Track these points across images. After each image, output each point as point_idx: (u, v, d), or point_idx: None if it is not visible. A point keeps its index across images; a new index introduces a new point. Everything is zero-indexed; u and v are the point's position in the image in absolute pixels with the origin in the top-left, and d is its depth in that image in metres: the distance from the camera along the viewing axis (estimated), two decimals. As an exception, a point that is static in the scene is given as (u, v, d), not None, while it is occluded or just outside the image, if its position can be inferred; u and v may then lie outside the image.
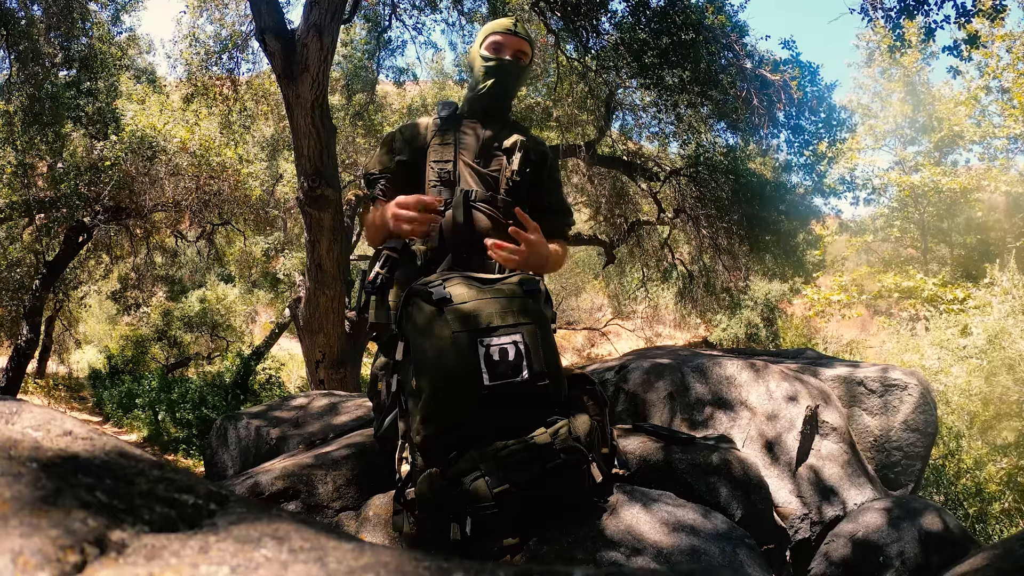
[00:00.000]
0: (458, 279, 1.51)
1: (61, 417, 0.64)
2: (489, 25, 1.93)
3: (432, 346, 1.42)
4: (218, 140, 7.56)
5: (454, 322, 1.42)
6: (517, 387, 1.41)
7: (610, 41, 6.29)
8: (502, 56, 1.86)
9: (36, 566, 0.39)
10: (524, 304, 1.50)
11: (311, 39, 4.15)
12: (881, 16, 4.82)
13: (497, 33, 1.88)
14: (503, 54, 1.86)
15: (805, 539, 1.91)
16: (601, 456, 1.54)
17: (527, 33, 1.93)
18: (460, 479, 1.37)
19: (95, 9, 7.88)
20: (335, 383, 4.97)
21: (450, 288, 1.47)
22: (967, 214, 13.27)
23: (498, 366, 1.40)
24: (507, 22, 1.90)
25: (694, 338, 16.46)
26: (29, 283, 8.32)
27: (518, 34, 1.88)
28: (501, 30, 1.88)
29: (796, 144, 6.74)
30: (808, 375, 2.36)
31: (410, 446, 1.52)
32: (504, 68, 1.85)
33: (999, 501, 4.32)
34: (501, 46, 1.86)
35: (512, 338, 1.43)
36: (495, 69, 1.85)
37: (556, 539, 1.40)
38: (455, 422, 1.41)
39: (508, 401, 1.41)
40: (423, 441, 1.43)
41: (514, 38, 1.87)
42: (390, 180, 1.84)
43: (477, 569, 0.46)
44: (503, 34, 1.87)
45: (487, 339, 1.41)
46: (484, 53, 1.87)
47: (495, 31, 1.89)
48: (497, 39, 1.87)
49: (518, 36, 1.88)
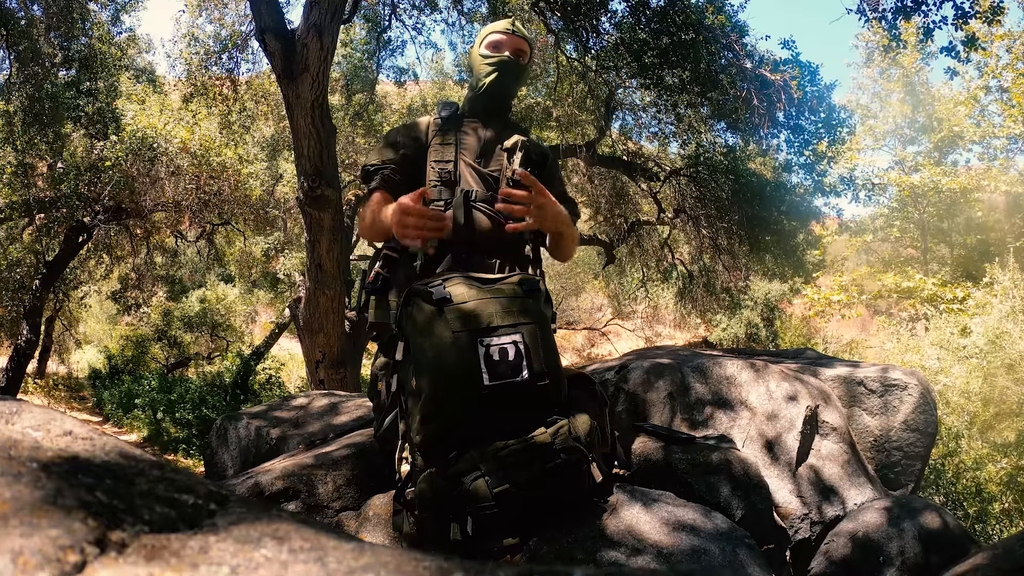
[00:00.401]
0: (458, 279, 1.51)
1: (61, 417, 0.64)
2: (488, 27, 1.97)
3: (432, 346, 1.42)
4: (218, 140, 7.56)
5: (454, 322, 1.42)
6: (517, 387, 1.41)
7: (610, 41, 6.29)
8: (502, 53, 1.88)
9: (36, 566, 0.39)
10: (524, 304, 1.50)
11: (311, 39, 4.15)
12: (877, 17, 4.82)
13: (496, 33, 1.91)
14: (502, 51, 1.89)
15: (805, 539, 1.91)
16: (601, 456, 1.54)
17: (524, 32, 1.95)
18: (460, 479, 1.37)
19: (95, 9, 7.88)
20: (335, 383, 4.97)
21: (450, 288, 1.47)
22: (967, 214, 13.28)
23: (498, 366, 1.40)
24: (505, 23, 1.94)
25: (694, 338, 16.46)
26: (29, 283, 8.32)
27: (516, 33, 1.91)
28: (500, 30, 1.92)
29: (796, 144, 6.74)
30: (808, 375, 2.36)
31: (410, 446, 1.52)
32: (504, 64, 1.87)
33: (999, 501, 4.32)
34: (500, 44, 1.89)
35: (512, 338, 1.43)
36: (495, 65, 1.87)
37: (556, 539, 1.40)
38: (455, 422, 1.41)
39: (508, 401, 1.41)
40: (423, 441, 1.43)
41: (513, 37, 1.90)
42: (391, 172, 1.84)
43: (477, 569, 0.46)
44: (502, 33, 1.90)
45: (487, 339, 1.42)
46: (484, 51, 1.89)
47: (494, 31, 1.92)
48: (496, 38, 1.90)
49: (517, 36, 1.91)
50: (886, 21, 4.80)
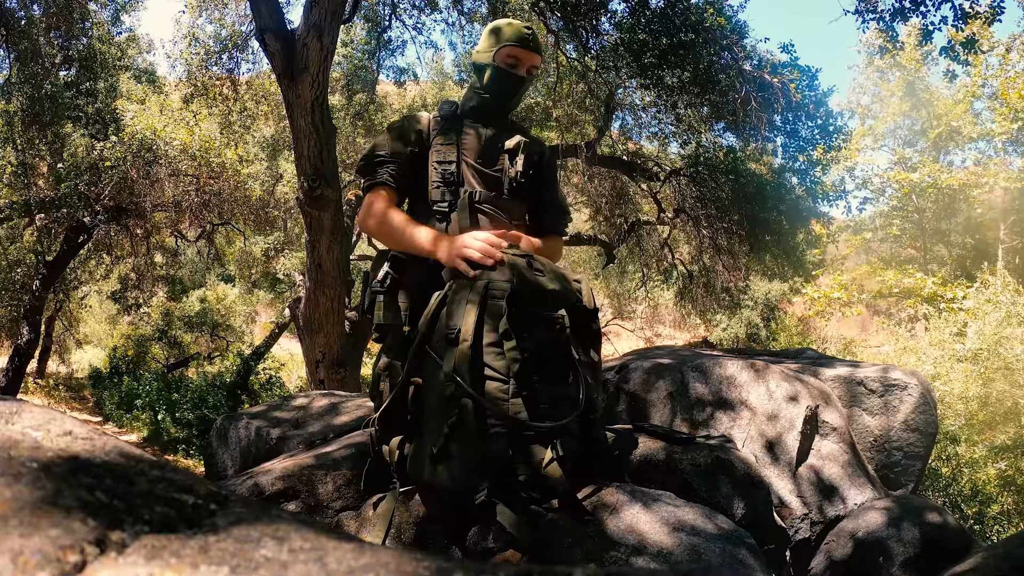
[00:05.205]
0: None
1: (61, 417, 0.64)
2: (504, 31, 1.85)
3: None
4: (218, 140, 7.56)
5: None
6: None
7: (610, 41, 6.29)
8: (518, 72, 1.83)
9: (36, 566, 0.39)
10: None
11: (311, 39, 4.15)
12: (875, 18, 4.82)
13: (514, 45, 1.82)
14: (519, 70, 1.83)
15: (805, 539, 1.91)
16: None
17: (540, 43, 1.90)
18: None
19: (95, 9, 7.88)
20: (335, 383, 4.97)
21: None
22: (966, 213, 13.29)
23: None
24: (524, 34, 1.83)
25: (694, 338, 16.46)
26: (29, 283, 8.32)
27: (534, 50, 1.85)
28: (518, 42, 1.82)
29: (791, 149, 6.76)
30: (808, 375, 2.36)
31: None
32: (519, 82, 1.85)
33: (997, 502, 4.32)
34: (518, 62, 1.83)
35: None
36: (510, 82, 1.83)
37: (556, 539, 1.40)
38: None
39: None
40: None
41: (531, 54, 1.84)
42: (397, 168, 1.80)
43: (477, 569, 0.46)
44: (520, 48, 1.82)
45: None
46: (499, 65, 1.82)
47: (512, 42, 1.82)
48: (515, 52, 1.82)
49: (534, 52, 1.85)
50: (884, 22, 4.81)
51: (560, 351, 1.49)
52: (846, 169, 13.27)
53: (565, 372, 1.49)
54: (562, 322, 1.49)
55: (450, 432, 1.39)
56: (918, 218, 13.96)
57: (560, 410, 1.44)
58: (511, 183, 1.80)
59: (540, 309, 1.49)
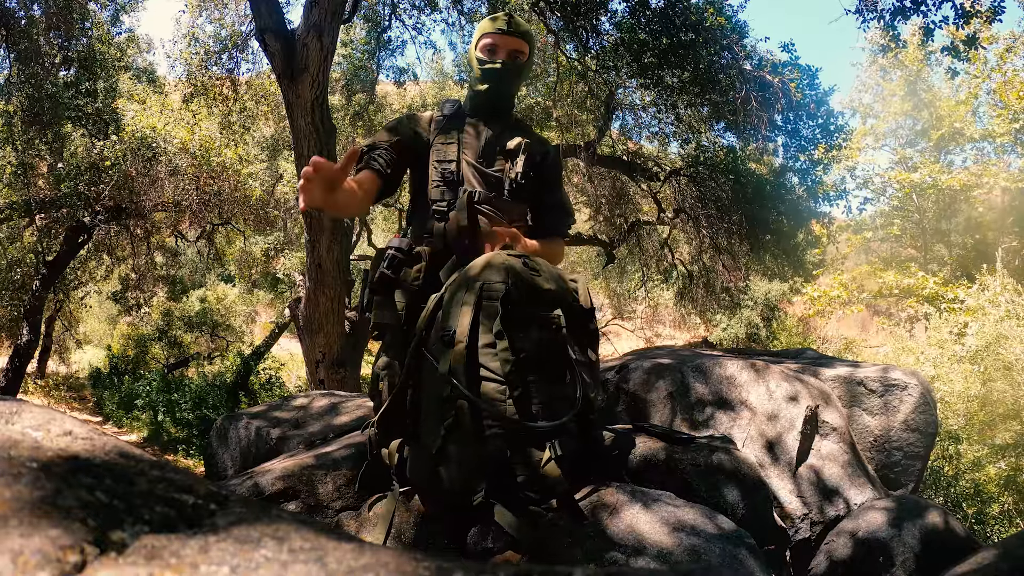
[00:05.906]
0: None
1: (61, 417, 0.64)
2: (482, 24, 1.86)
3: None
4: (218, 140, 7.55)
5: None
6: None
7: (610, 41, 6.29)
8: (495, 59, 1.81)
9: (36, 566, 0.39)
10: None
11: (311, 39, 4.15)
12: (875, 17, 4.82)
13: (490, 35, 1.82)
14: (497, 56, 1.81)
15: (805, 539, 1.90)
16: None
17: (521, 28, 1.85)
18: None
19: (95, 9, 7.88)
20: (335, 383, 4.97)
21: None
22: (967, 213, 13.30)
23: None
24: (500, 21, 1.83)
25: (694, 338, 16.45)
26: (29, 283, 8.31)
27: (511, 33, 1.82)
28: (493, 30, 1.82)
29: (792, 149, 6.76)
30: (808, 375, 2.36)
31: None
32: (497, 73, 1.81)
33: (998, 502, 4.32)
34: (495, 48, 1.82)
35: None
36: (489, 73, 1.81)
37: (556, 539, 1.40)
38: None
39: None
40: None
41: (508, 38, 1.81)
42: (378, 153, 1.77)
43: (477, 569, 0.46)
44: (496, 35, 1.82)
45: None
46: (479, 56, 1.82)
47: (488, 32, 1.83)
48: (490, 41, 1.82)
49: (511, 35, 1.82)
50: (884, 22, 4.80)
51: (557, 351, 1.48)
52: (847, 169, 13.26)
53: (562, 372, 1.48)
54: (558, 322, 1.48)
55: (447, 433, 1.38)
56: (918, 218, 13.96)
57: (558, 410, 1.43)
58: (511, 184, 1.80)
59: (536, 309, 1.47)
